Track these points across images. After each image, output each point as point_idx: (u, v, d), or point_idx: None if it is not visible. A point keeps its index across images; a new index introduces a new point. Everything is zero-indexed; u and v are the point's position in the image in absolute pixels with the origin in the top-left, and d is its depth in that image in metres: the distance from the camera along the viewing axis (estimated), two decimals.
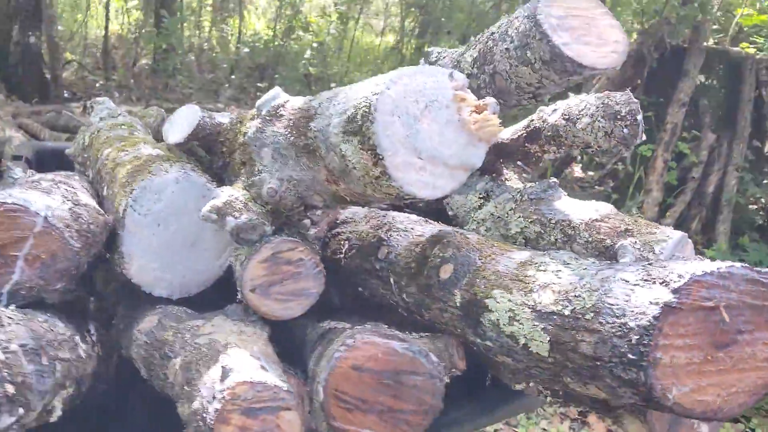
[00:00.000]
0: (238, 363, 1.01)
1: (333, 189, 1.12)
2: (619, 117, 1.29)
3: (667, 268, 0.84)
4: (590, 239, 1.18)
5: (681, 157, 5.18)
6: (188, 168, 1.29)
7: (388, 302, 1.29)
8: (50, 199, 1.16)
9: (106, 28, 9.56)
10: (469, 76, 1.28)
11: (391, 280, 1.23)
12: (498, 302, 0.99)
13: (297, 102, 1.20)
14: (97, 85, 8.93)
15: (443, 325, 1.12)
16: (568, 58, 1.04)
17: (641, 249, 1.08)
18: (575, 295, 0.89)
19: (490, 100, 1.00)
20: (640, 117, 1.27)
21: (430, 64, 1.48)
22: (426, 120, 0.97)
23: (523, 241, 1.31)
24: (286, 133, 1.15)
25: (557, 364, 0.92)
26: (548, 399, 1.22)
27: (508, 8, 9.95)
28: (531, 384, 1.10)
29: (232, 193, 1.20)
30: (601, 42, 1.07)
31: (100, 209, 1.27)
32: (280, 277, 1.23)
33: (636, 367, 0.80)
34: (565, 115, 1.36)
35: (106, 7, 9.61)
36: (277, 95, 1.22)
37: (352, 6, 10.96)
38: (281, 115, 1.19)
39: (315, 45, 9.23)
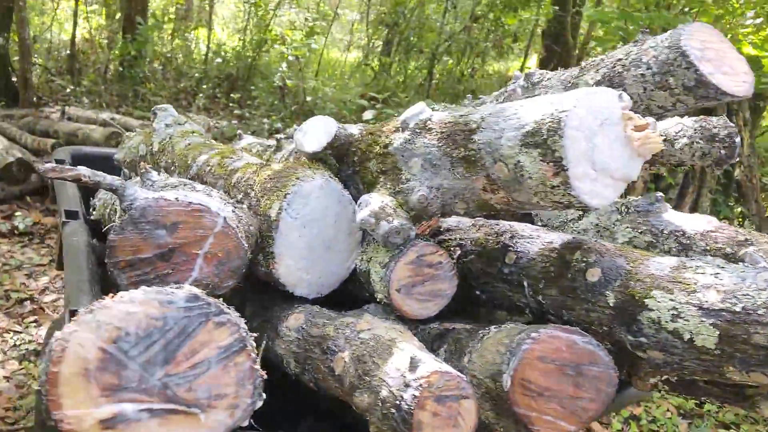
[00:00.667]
0: (419, 355, 1.09)
1: (486, 197, 1.22)
2: (717, 139, 1.44)
3: None
4: (708, 248, 1.31)
5: (659, 179, 5.47)
6: (327, 175, 1.36)
7: (513, 304, 1.39)
8: (216, 201, 1.21)
9: (74, 32, 9.38)
10: None
11: (525, 284, 1.33)
12: (659, 302, 1.10)
13: (444, 116, 1.29)
14: (68, 90, 8.74)
15: (586, 324, 1.22)
16: (713, 86, 1.18)
17: (763, 257, 1.21)
18: (743, 294, 1.02)
19: (652, 120, 1.12)
20: (738, 139, 1.42)
21: (533, 84, 1.59)
22: (600, 135, 1.08)
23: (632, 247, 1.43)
24: (441, 144, 1.24)
25: (723, 355, 1.03)
26: (660, 392, 1.34)
27: (479, 30, 10.25)
28: (666, 377, 1.22)
29: (383, 199, 1.28)
30: (734, 72, 1.21)
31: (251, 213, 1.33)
32: (421, 278, 1.31)
33: None
34: (662, 135, 1.49)
35: (75, 11, 9.43)
36: (423, 110, 1.31)
37: (323, 21, 11.10)
38: (430, 128, 1.28)
39: (291, 58, 9.28)
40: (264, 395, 0.90)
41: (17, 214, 4.53)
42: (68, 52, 9.66)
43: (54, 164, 1.06)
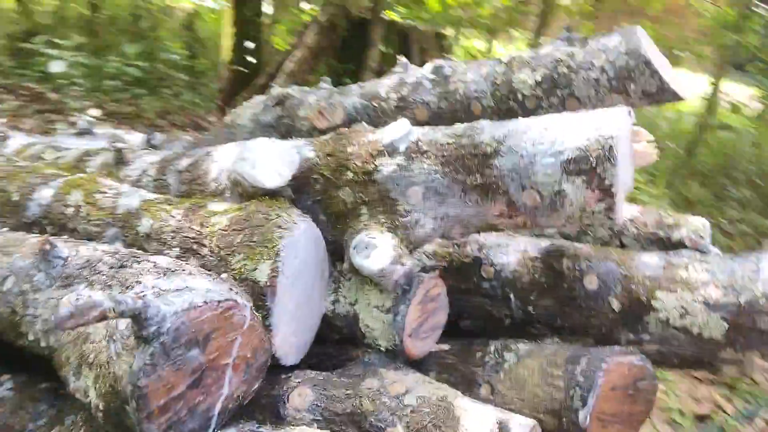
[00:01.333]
0: (495, 415, 1.01)
1: (498, 222, 1.15)
2: None
3: None
4: (640, 232, 1.45)
5: None
6: (300, 214, 1.13)
7: (491, 315, 1.36)
8: (214, 284, 0.91)
9: None
10: (524, 97, 1.39)
11: (511, 296, 1.31)
12: (665, 302, 1.19)
13: (436, 136, 1.15)
14: None
15: (584, 328, 1.26)
16: (671, 91, 1.25)
17: (701, 238, 1.39)
18: (741, 287, 1.15)
19: (644, 131, 1.16)
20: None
21: (444, 78, 1.50)
22: (628, 155, 1.08)
23: (562, 239, 1.50)
24: (448, 170, 1.11)
25: (727, 342, 1.17)
26: None
27: None
28: None
29: (386, 239, 1.11)
30: (673, 76, 1.30)
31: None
32: (426, 315, 1.20)
33: None
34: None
35: None
36: (410, 130, 1.16)
37: None
38: (425, 151, 1.14)
39: None
40: None
41: None
42: None
43: (72, 307, 0.65)
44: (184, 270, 0.94)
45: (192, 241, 1.11)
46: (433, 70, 1.53)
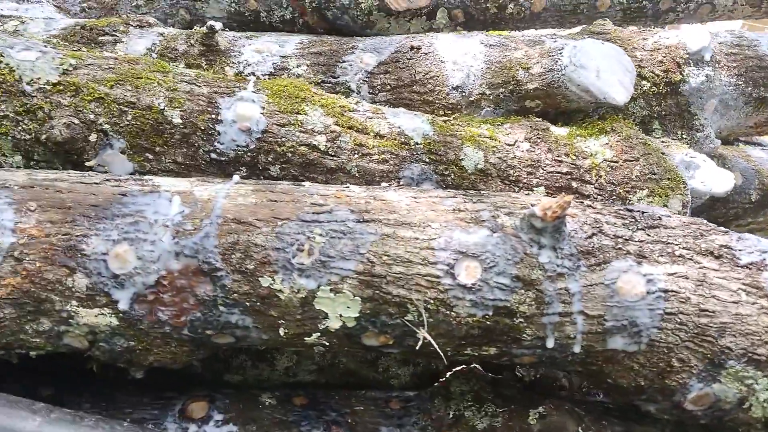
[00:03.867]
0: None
1: (743, 131, 1.19)
2: None
3: None
4: None
5: None
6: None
7: None
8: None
9: None
10: None
11: None
12: None
13: (716, 46, 1.09)
14: None
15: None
16: None
17: None
18: None
19: None
20: None
21: None
22: None
23: None
24: (740, 83, 1.08)
25: None
26: None
27: None
28: None
29: (704, 157, 1.04)
30: None
31: None
32: None
33: None
34: None
35: None
36: (709, 38, 1.06)
37: None
38: (718, 61, 1.07)
39: None
40: None
41: None
42: None
43: None
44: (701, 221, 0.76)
45: (568, 177, 0.86)
46: None
